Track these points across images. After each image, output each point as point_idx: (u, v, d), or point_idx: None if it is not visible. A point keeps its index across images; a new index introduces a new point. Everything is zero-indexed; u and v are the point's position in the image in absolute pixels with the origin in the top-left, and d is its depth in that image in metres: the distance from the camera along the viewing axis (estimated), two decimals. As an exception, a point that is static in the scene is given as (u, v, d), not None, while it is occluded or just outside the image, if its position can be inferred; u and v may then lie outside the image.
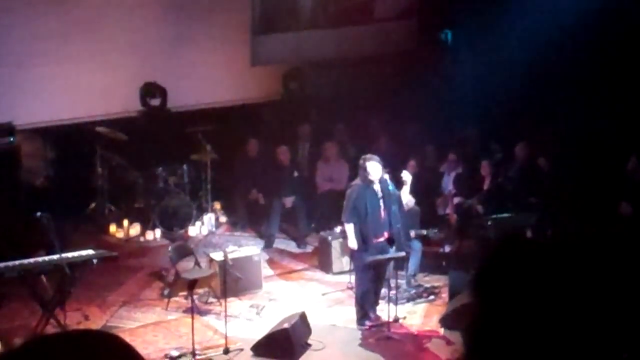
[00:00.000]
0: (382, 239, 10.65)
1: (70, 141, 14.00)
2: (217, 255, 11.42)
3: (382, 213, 10.57)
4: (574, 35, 13.86)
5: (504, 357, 2.00)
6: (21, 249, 10.98)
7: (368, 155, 10.65)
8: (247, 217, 14.34)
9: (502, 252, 2.08)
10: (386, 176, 10.64)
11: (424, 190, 13.27)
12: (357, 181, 10.72)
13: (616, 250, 2.08)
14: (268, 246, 13.45)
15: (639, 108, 13.49)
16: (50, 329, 10.17)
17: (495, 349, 2.01)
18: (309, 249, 13.51)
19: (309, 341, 10.24)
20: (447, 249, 12.79)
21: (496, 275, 2.05)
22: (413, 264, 11.76)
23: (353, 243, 10.64)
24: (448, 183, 13.74)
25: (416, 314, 11.17)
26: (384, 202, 10.58)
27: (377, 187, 10.55)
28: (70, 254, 10.30)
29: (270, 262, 12.95)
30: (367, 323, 10.76)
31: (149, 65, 14.30)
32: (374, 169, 10.45)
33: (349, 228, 10.64)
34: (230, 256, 10.93)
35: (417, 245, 11.84)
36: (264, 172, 14.02)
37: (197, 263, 11.73)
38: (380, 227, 10.60)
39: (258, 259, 11.90)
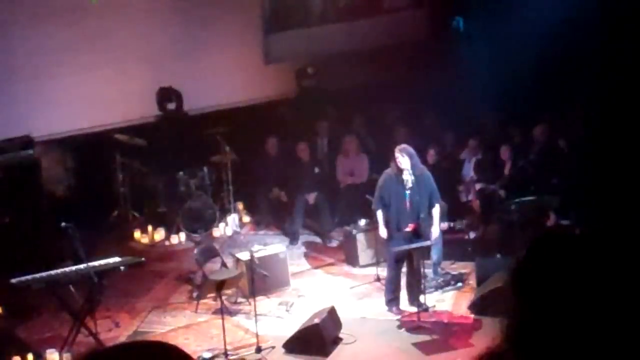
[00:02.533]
0: (408, 229, 10.69)
1: (90, 150, 14.02)
2: (243, 255, 11.43)
3: (407, 203, 10.63)
4: (590, 15, 13.72)
5: (545, 353, 1.99)
6: (48, 261, 11.04)
7: (402, 146, 10.83)
8: (270, 215, 14.33)
9: (540, 249, 2.06)
10: (421, 167, 10.80)
11: (445, 177, 13.23)
12: (389, 170, 10.90)
13: None
14: (293, 243, 13.45)
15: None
16: (81, 338, 10.22)
17: (536, 346, 2.00)
18: (334, 243, 13.48)
19: (340, 335, 10.26)
20: (472, 235, 12.76)
21: (535, 273, 2.03)
22: (436, 252, 11.74)
23: (383, 231, 10.90)
24: (469, 169, 13.70)
25: (445, 302, 11.17)
26: (411, 193, 10.63)
27: (406, 177, 10.61)
28: (97, 262, 10.34)
29: (297, 259, 12.92)
30: (394, 309, 10.85)
31: (163, 69, 14.30)
32: (402, 159, 10.59)
33: (378, 215, 10.93)
34: (256, 255, 10.95)
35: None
36: (284, 169, 14.02)
37: (223, 264, 11.74)
38: (405, 217, 10.69)
39: (284, 256, 11.91)
